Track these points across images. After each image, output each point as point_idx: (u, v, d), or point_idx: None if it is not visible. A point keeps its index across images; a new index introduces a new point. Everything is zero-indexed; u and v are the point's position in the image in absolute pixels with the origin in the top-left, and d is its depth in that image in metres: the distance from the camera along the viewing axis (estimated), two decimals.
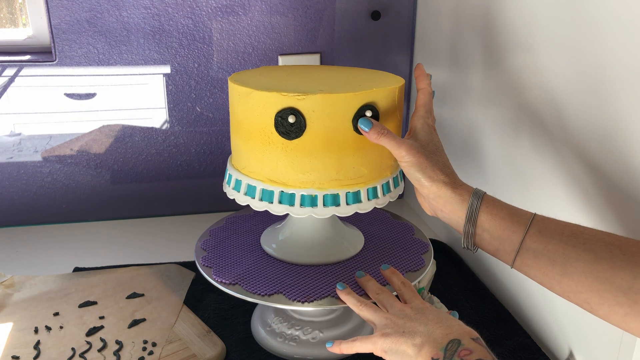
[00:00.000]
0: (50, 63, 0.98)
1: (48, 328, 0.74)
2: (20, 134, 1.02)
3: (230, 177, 0.67)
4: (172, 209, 1.13)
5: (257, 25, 1.03)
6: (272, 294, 0.64)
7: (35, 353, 0.68)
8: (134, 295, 0.82)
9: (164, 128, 1.07)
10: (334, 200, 0.62)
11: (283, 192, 0.62)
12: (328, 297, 0.63)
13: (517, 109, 0.75)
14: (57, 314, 0.77)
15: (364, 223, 0.81)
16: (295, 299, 0.63)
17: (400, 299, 0.59)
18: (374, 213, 0.83)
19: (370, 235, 0.77)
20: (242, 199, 0.65)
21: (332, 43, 1.07)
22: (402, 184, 0.69)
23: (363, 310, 0.58)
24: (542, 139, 0.69)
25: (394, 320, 0.53)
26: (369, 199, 0.64)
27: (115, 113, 1.04)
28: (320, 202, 0.62)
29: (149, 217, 1.12)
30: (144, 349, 0.70)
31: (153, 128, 1.06)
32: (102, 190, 1.08)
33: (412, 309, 0.55)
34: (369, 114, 0.59)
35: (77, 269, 0.90)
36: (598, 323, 0.46)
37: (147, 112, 1.05)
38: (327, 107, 0.58)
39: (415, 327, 0.51)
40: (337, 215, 0.64)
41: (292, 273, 0.68)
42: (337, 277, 0.67)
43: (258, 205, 0.63)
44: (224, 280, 0.66)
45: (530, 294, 0.75)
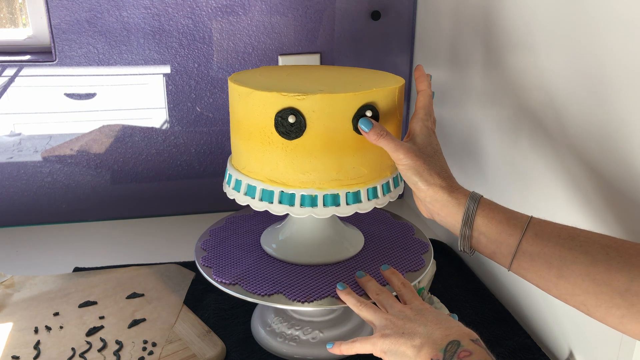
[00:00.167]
0: (50, 63, 0.98)
1: (48, 328, 0.74)
2: (20, 134, 1.02)
3: (230, 177, 0.67)
4: (172, 209, 1.13)
5: (257, 25, 1.03)
6: (272, 294, 0.64)
7: (35, 353, 0.68)
8: (134, 295, 0.82)
9: (164, 128, 1.07)
10: (334, 200, 0.62)
11: (283, 192, 0.62)
12: (328, 297, 0.63)
13: (517, 109, 0.75)
14: (57, 314, 0.77)
15: (364, 223, 0.81)
16: (295, 299, 0.63)
17: (400, 300, 0.59)
18: (374, 213, 0.83)
19: (370, 235, 0.77)
20: (242, 199, 0.65)
21: (332, 43, 1.07)
22: (402, 184, 0.69)
23: (363, 311, 0.58)
24: (541, 139, 0.69)
25: (394, 321, 0.53)
26: (369, 199, 0.64)
27: (115, 113, 1.04)
28: (320, 202, 0.62)
29: (149, 217, 1.12)
30: (144, 349, 0.70)
31: (153, 128, 1.06)
32: (102, 190, 1.08)
33: (411, 310, 0.55)
34: (369, 114, 0.59)
35: (77, 269, 0.90)
36: (598, 323, 0.46)
37: (147, 112, 1.05)
38: (327, 107, 0.58)
39: (415, 328, 0.51)
40: (337, 215, 0.64)
41: (292, 273, 0.68)
42: (337, 277, 0.67)
43: (258, 205, 0.63)
44: (224, 280, 0.66)
45: (530, 294, 0.75)
